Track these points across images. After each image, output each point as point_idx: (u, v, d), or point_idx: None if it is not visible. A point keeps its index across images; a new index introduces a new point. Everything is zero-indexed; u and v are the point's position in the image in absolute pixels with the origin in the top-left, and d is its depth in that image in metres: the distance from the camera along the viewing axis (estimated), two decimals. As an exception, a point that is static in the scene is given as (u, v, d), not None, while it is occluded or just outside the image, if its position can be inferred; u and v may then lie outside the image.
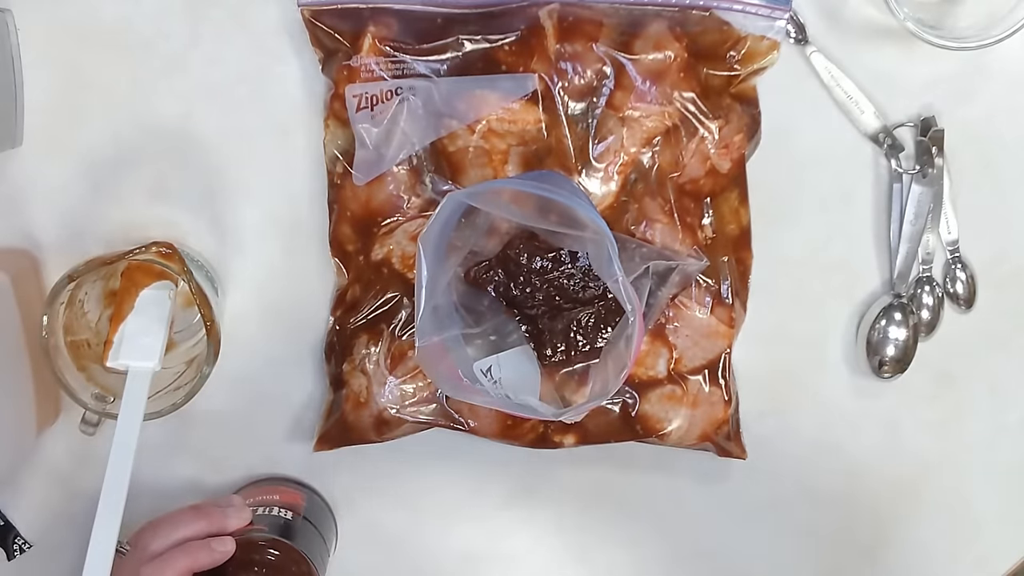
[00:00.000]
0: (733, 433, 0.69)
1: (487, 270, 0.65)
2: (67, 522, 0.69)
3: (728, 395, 0.67)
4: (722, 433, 0.68)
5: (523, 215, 0.59)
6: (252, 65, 0.66)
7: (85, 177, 0.66)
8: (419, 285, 0.57)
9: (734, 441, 0.69)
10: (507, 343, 0.65)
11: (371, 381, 0.65)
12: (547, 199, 0.57)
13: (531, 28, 0.62)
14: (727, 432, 0.68)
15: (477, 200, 0.57)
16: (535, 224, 0.59)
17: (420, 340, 0.58)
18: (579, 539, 0.73)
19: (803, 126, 0.68)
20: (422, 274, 0.56)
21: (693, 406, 0.67)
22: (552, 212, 0.58)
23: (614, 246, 0.55)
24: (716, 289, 0.66)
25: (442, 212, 0.56)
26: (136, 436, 0.58)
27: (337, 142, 0.64)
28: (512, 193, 0.59)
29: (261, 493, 0.68)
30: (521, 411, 0.59)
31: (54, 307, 0.60)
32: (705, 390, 0.67)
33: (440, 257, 0.59)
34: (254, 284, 0.68)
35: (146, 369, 0.61)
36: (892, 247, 0.70)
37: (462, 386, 0.60)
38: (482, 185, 0.61)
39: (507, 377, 0.64)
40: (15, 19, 0.64)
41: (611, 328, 0.65)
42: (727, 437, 0.68)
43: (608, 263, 0.55)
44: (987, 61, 0.68)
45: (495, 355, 0.64)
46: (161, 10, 0.65)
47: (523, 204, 0.59)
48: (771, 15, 0.63)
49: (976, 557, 0.75)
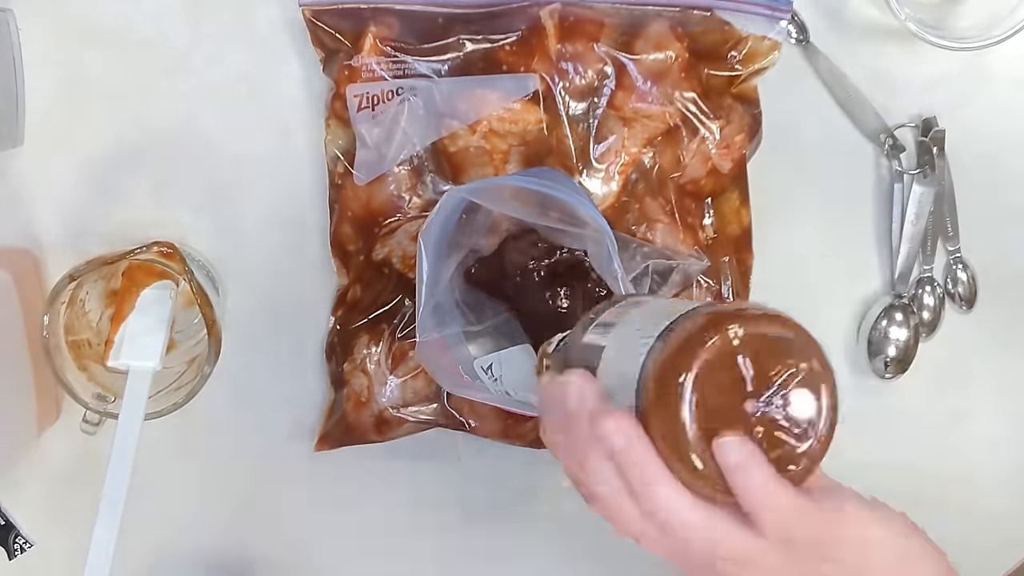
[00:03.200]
0: (734, 433, 0.69)
1: (487, 268, 0.65)
2: (68, 521, 0.69)
3: (729, 395, 0.67)
4: (723, 433, 0.68)
5: (524, 212, 0.59)
6: (253, 65, 0.66)
7: (86, 177, 0.66)
8: (420, 280, 0.57)
9: (735, 441, 0.69)
10: (508, 341, 0.65)
11: (372, 381, 0.65)
12: (548, 196, 0.57)
13: (532, 28, 0.62)
14: (728, 432, 0.68)
15: (478, 196, 0.57)
16: (535, 221, 0.59)
17: (421, 335, 0.58)
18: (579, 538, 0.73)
19: (804, 126, 0.68)
20: (423, 269, 0.56)
21: (694, 406, 0.67)
22: (553, 209, 0.58)
23: (614, 243, 0.55)
24: (717, 289, 0.66)
25: (443, 208, 0.56)
26: (137, 436, 0.58)
27: (338, 142, 0.64)
28: (513, 189, 0.59)
29: None
30: (521, 408, 0.59)
31: (55, 307, 0.60)
32: (706, 390, 0.67)
33: (441, 253, 0.59)
34: (255, 284, 0.68)
35: (147, 369, 0.61)
36: (893, 247, 0.70)
37: (462, 382, 0.60)
38: (483, 181, 0.61)
39: (507, 375, 0.63)
40: (16, 19, 0.64)
41: None
42: (728, 437, 0.68)
43: (608, 260, 0.55)
44: (988, 61, 0.68)
45: (495, 353, 0.64)
46: (162, 10, 0.65)
47: (524, 200, 0.59)
48: (772, 15, 0.63)
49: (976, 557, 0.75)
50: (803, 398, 0.41)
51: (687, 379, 0.40)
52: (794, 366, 0.41)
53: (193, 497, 0.70)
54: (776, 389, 0.41)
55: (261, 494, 0.70)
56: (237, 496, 0.71)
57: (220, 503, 0.71)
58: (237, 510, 0.71)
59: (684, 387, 0.40)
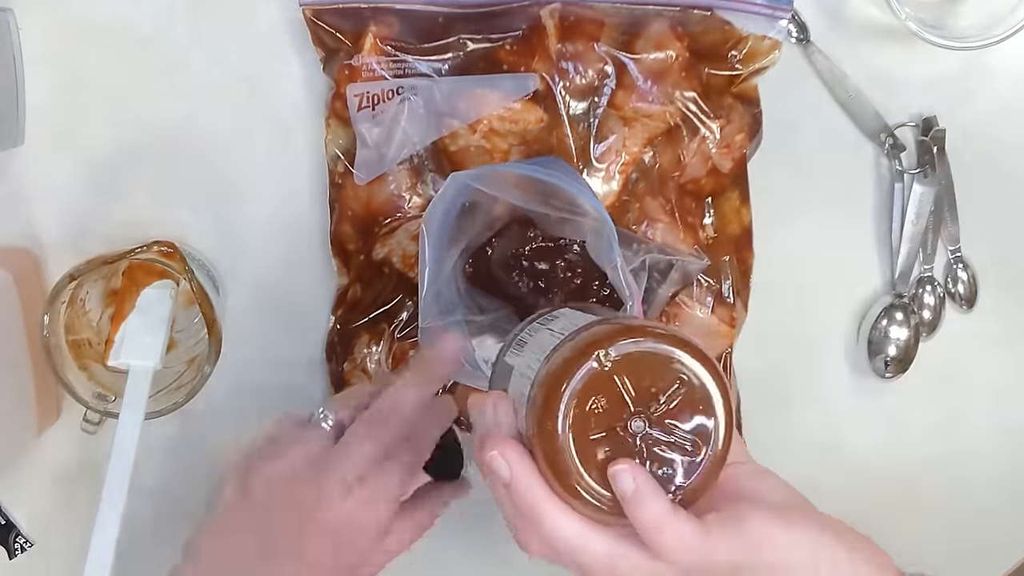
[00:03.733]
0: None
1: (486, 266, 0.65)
2: (68, 521, 0.69)
3: (729, 395, 0.67)
4: (723, 433, 0.68)
5: (524, 199, 0.59)
6: (253, 64, 0.66)
7: (86, 176, 0.66)
8: (423, 264, 0.56)
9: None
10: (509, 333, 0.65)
11: (372, 380, 0.65)
12: (549, 184, 0.56)
13: (532, 27, 0.62)
14: (728, 432, 0.68)
15: (481, 182, 0.57)
16: (536, 208, 0.59)
17: (423, 321, 0.58)
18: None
19: (805, 126, 0.68)
20: (425, 253, 0.56)
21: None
22: (554, 198, 0.58)
23: (613, 231, 0.55)
24: (717, 289, 0.66)
25: (447, 192, 0.56)
26: (137, 435, 0.58)
27: (338, 141, 0.64)
28: (516, 177, 0.59)
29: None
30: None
31: (55, 306, 0.60)
32: (706, 390, 0.67)
33: (443, 241, 0.59)
34: (255, 283, 0.68)
35: (147, 368, 0.61)
36: (893, 247, 0.70)
37: (463, 371, 0.60)
38: (487, 167, 0.61)
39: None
40: (16, 18, 0.64)
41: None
42: (728, 437, 0.68)
43: (608, 249, 0.55)
44: (988, 61, 0.68)
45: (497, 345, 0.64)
46: (162, 9, 0.65)
47: (525, 189, 0.59)
48: (773, 15, 0.63)
49: (976, 556, 0.75)
50: (687, 413, 0.41)
51: (564, 404, 0.39)
52: (677, 382, 0.40)
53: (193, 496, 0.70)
54: (659, 407, 0.40)
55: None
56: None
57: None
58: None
59: (560, 412, 0.39)
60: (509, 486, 0.41)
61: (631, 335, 0.40)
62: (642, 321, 0.45)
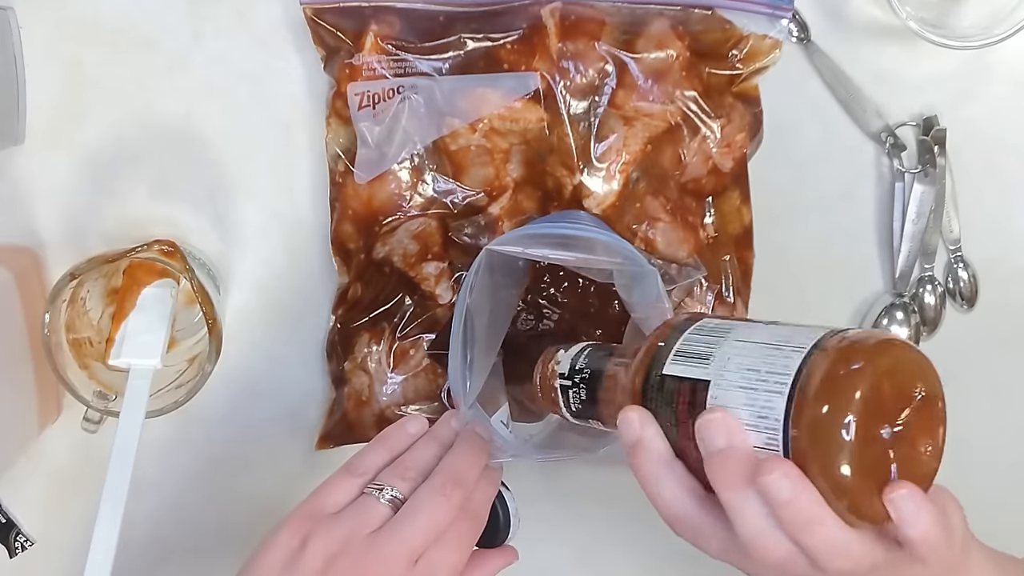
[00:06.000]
0: (734, 432, 0.69)
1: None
2: (69, 520, 0.69)
3: (729, 394, 0.67)
4: (723, 432, 0.68)
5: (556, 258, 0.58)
6: (254, 63, 0.66)
7: (87, 175, 0.66)
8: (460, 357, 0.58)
9: (735, 440, 0.69)
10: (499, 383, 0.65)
11: (373, 379, 0.65)
12: (587, 239, 0.58)
13: (533, 27, 0.62)
14: (728, 431, 0.68)
15: (511, 244, 0.57)
16: (563, 258, 0.58)
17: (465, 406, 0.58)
18: (579, 538, 0.73)
19: (805, 125, 0.68)
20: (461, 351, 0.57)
21: (694, 405, 0.67)
22: (577, 248, 0.58)
23: (659, 280, 0.57)
24: (718, 288, 0.66)
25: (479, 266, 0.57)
26: (138, 434, 0.58)
27: (339, 140, 0.64)
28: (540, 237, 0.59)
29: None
30: (545, 453, 0.60)
31: (56, 305, 0.60)
32: (706, 389, 0.67)
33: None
34: (256, 282, 0.68)
35: (148, 367, 0.61)
36: (894, 246, 0.70)
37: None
38: (513, 240, 0.59)
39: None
40: (17, 17, 0.64)
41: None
42: (728, 436, 0.68)
43: (655, 296, 0.56)
44: (989, 60, 0.68)
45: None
46: (163, 8, 0.65)
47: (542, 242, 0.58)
48: (774, 14, 0.63)
49: (977, 556, 0.75)
50: (926, 417, 0.43)
51: (848, 424, 0.40)
52: (919, 388, 0.42)
53: (193, 495, 0.70)
54: (907, 413, 0.42)
55: (262, 493, 0.70)
56: (238, 494, 0.71)
57: (221, 501, 0.71)
58: (238, 508, 0.71)
59: (845, 432, 0.40)
60: (789, 503, 0.40)
61: (892, 344, 0.42)
62: (887, 332, 0.46)
